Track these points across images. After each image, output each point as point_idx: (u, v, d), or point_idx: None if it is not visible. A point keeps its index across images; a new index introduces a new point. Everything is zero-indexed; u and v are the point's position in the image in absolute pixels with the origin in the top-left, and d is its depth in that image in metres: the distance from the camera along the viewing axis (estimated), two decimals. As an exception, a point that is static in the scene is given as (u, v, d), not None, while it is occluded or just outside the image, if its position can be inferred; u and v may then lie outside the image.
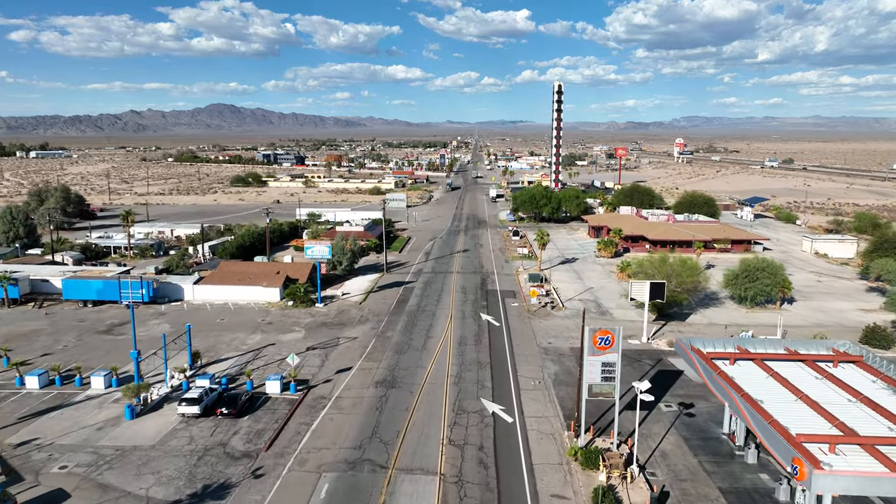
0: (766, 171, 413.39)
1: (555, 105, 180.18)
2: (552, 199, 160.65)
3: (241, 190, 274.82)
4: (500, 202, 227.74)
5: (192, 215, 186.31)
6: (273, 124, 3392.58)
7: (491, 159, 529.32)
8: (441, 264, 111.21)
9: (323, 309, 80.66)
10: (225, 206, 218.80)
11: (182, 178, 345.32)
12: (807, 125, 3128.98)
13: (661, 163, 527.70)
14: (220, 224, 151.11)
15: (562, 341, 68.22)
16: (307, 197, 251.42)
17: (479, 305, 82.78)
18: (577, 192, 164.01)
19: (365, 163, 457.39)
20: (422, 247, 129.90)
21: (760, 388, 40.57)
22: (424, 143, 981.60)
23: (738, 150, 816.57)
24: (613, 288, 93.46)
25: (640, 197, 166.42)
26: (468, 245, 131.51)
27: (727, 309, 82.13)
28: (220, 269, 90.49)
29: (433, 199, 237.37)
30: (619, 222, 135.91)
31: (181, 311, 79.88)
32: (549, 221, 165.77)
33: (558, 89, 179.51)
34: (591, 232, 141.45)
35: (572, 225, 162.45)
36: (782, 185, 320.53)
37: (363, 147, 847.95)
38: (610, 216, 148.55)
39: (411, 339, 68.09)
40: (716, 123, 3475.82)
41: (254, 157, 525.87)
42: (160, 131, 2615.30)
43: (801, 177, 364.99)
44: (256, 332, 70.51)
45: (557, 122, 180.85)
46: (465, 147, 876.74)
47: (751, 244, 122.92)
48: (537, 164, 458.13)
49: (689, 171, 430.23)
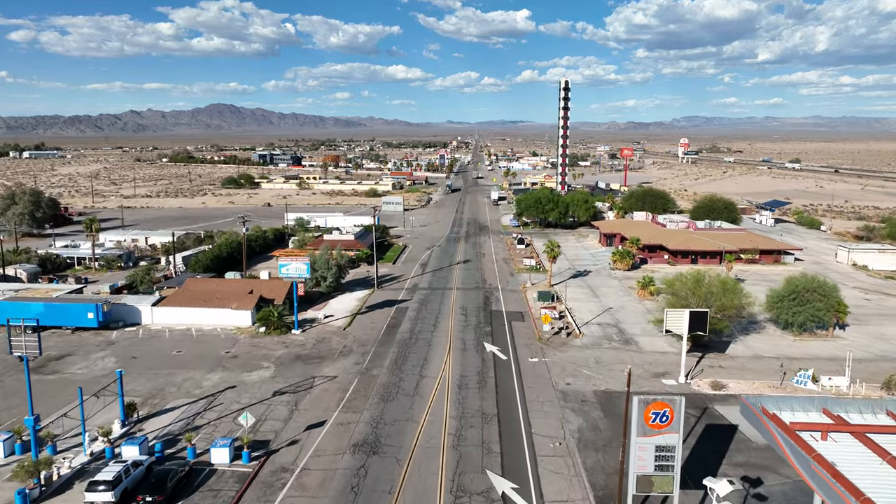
0: (775, 172, 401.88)
1: (561, 103, 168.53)
2: (559, 204, 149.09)
3: (233, 192, 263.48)
4: (502, 205, 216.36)
5: (176, 220, 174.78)
6: (273, 124, 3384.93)
7: (492, 160, 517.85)
8: (439, 278, 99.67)
9: (300, 337, 69.10)
10: (213, 209, 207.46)
11: (173, 180, 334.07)
12: (807, 125, 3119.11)
13: (666, 163, 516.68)
14: (201, 231, 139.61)
15: (582, 382, 56.66)
16: (300, 199, 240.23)
17: (483, 332, 71.27)
18: (586, 196, 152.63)
19: (363, 163, 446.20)
20: (418, 257, 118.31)
21: (880, 485, 29.08)
22: (424, 143, 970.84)
23: (742, 151, 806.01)
24: (635, 308, 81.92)
25: (653, 200, 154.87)
26: (469, 255, 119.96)
27: (770, 336, 70.60)
28: (185, 288, 78.99)
29: (432, 202, 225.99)
30: (634, 229, 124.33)
31: (134, 340, 68.33)
32: (556, 227, 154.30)
33: (565, 86, 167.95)
34: (602, 240, 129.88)
35: (581, 231, 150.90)
36: (792, 186, 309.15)
37: (362, 147, 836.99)
38: (623, 222, 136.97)
39: (401, 380, 56.52)
40: (716, 123, 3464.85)
41: (249, 158, 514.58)
42: (160, 131, 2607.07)
43: (812, 178, 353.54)
44: (216, 370, 58.89)
45: (564, 122, 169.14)
46: (465, 147, 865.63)
47: (781, 255, 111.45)
48: (539, 165, 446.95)
49: (695, 171, 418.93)
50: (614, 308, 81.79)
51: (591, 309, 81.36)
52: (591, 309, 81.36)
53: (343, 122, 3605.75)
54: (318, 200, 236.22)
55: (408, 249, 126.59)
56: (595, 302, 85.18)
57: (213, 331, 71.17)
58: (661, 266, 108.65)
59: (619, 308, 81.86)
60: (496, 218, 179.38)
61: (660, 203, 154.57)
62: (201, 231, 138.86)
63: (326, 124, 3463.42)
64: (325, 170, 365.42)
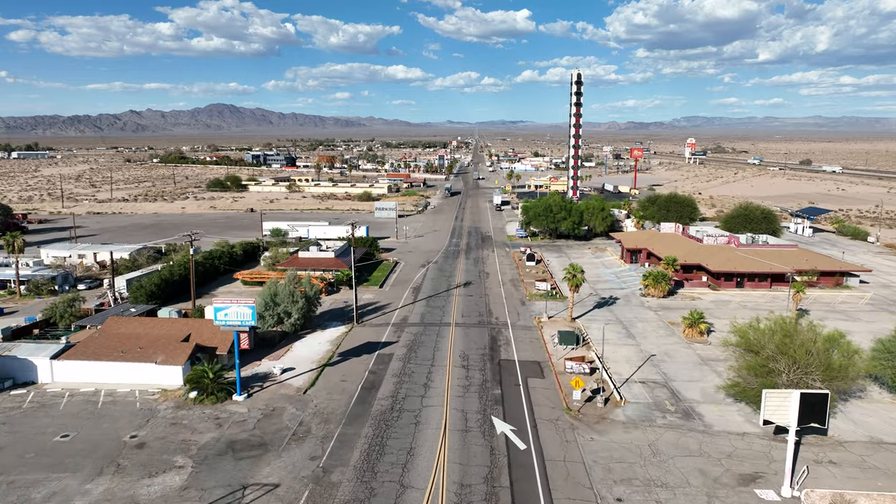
0: (790, 174, 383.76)
1: (572, 98, 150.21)
2: (572, 212, 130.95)
3: (217, 195, 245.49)
4: (505, 210, 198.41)
5: (143, 230, 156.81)
6: (273, 124, 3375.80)
7: (493, 160, 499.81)
8: (434, 309, 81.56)
9: (241, 407, 50.92)
10: (190, 215, 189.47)
11: (158, 182, 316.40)
12: (808, 125, 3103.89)
13: (672, 164, 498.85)
14: (163, 244, 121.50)
15: (640, 491, 38.58)
16: (288, 204, 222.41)
17: (490, 397, 53.09)
18: (603, 203, 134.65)
19: (359, 164, 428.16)
20: (410, 278, 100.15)
21: None
22: (424, 143, 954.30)
23: (747, 151, 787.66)
24: (685, 356, 63.73)
25: (678, 209, 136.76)
26: (471, 275, 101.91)
27: (877, 402, 52.46)
28: (103, 332, 60.86)
29: (430, 207, 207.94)
30: (663, 244, 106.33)
31: (12, 414, 50.14)
32: (568, 238, 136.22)
33: (577, 79, 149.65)
34: (625, 256, 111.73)
35: (597, 244, 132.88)
36: (812, 189, 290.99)
37: (361, 147, 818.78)
38: (647, 235, 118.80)
39: (373, 494, 38.39)
40: (716, 123, 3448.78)
41: (242, 159, 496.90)
42: (159, 131, 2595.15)
43: (829, 180, 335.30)
44: (105, 474, 40.64)
45: (576, 119, 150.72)
46: (465, 147, 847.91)
47: (843, 277, 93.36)
48: (542, 166, 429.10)
49: (704, 172, 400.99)
50: (658, 355, 63.60)
51: (629, 357, 63.22)
52: (629, 357, 63.22)
53: (343, 122, 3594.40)
54: (308, 204, 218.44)
55: (399, 267, 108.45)
56: (632, 345, 67.04)
57: (128, 395, 53.05)
58: (700, 291, 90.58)
59: (663, 355, 63.67)
60: (500, 226, 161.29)
61: (686, 211, 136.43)
62: (163, 244, 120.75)
63: (326, 124, 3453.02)
64: (318, 171, 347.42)
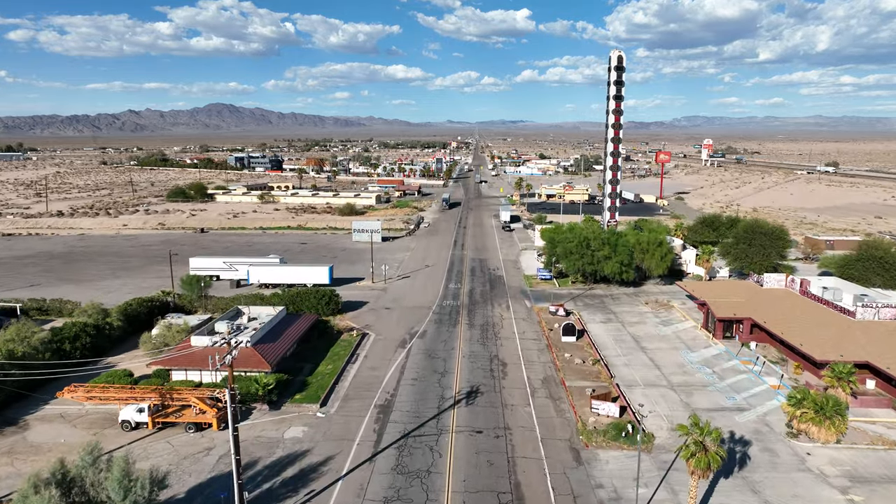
0: (829, 179, 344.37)
1: (612, 89, 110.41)
2: (619, 249, 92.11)
3: (174, 208, 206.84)
4: (516, 229, 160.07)
5: (47, 261, 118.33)
6: (272, 124, 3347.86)
7: (495, 163, 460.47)
8: (412, 479, 42.88)
9: None
10: (124, 237, 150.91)
11: (118, 188, 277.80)
12: (808, 125, 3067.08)
13: (689, 167, 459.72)
14: (20, 302, 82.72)
15: None
16: (254, 219, 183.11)
17: None
18: (661, 238, 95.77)
19: (349, 168, 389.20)
20: (379, 378, 60.76)
21: None
22: (423, 143, 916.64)
23: (759, 152, 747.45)
24: None
25: (762, 241, 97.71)
26: (477, 367, 63.03)
27: None
28: None
29: (423, 225, 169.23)
30: (777, 312, 67.78)
31: None
32: (609, 283, 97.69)
33: (618, 63, 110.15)
34: (716, 328, 72.66)
35: (651, 292, 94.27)
36: (862, 197, 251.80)
37: (358, 148, 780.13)
38: (742, 289, 78.94)
39: None
40: (717, 123, 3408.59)
41: (225, 161, 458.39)
42: (158, 131, 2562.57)
43: (875, 186, 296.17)
44: None
45: (616, 117, 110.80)
46: (465, 147, 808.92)
47: None
48: (550, 170, 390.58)
49: (728, 177, 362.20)
50: None
51: None
52: None
53: (342, 122, 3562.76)
54: (278, 219, 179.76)
55: (366, 348, 69.44)
56: None
57: None
58: (887, 419, 51.73)
59: None
60: (512, 257, 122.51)
61: (777, 245, 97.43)
62: (20, 303, 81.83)
63: (326, 124, 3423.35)
64: (300, 177, 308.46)
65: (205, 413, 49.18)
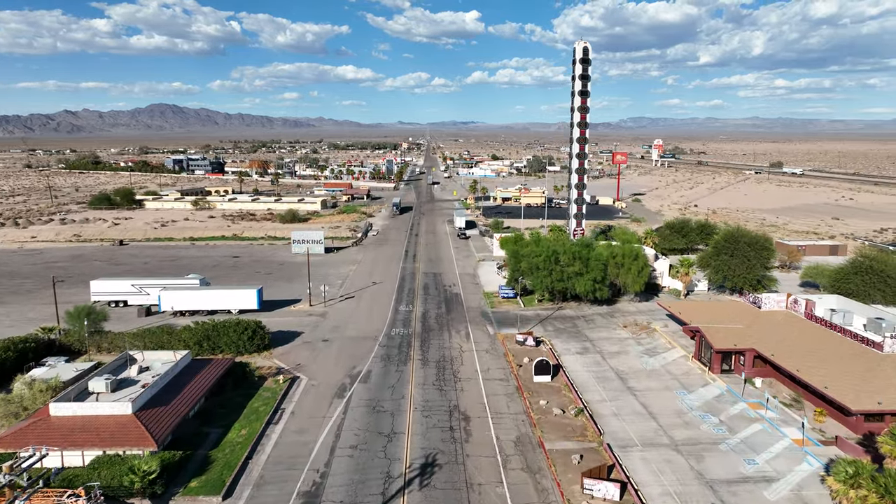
0: (778, 179, 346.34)
1: (576, 83, 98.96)
2: (591, 264, 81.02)
3: (95, 216, 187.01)
4: (472, 236, 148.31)
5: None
6: (218, 125, 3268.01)
7: (448, 164, 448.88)
8: None
9: None
10: (27, 252, 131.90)
11: (36, 194, 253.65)
12: (747, 126, 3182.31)
13: (641, 167, 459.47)
14: None
15: None
16: (185, 228, 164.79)
17: None
18: (636, 250, 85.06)
19: (295, 170, 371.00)
20: (306, 445, 46.69)
21: None
22: (374, 144, 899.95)
23: (705, 152, 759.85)
24: None
25: (745, 251, 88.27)
26: (434, 424, 49.95)
27: None
28: None
29: (371, 232, 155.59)
30: (784, 340, 57.68)
31: None
32: (581, 301, 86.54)
33: (583, 55, 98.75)
34: (712, 361, 62.00)
35: (628, 311, 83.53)
36: (814, 197, 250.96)
37: (307, 149, 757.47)
38: (740, 313, 68.62)
39: None
40: (661, 124, 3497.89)
41: (163, 164, 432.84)
42: (96, 132, 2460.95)
43: (826, 186, 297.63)
44: None
45: (582, 115, 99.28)
46: (416, 149, 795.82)
47: None
48: (503, 171, 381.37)
49: (681, 177, 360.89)
50: None
51: None
52: None
53: (292, 123, 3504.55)
54: (211, 228, 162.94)
55: (293, 400, 55.67)
56: None
57: None
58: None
59: None
60: (470, 271, 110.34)
61: (762, 256, 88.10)
62: None
63: (274, 125, 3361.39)
64: (240, 181, 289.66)
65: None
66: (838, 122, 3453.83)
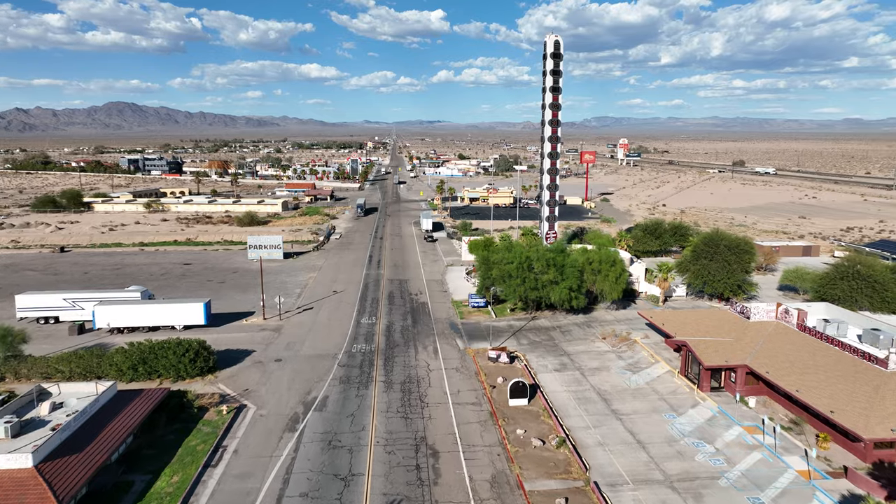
0: (743, 178, 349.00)
1: (548, 79, 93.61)
2: (566, 271, 75.91)
3: (38, 220, 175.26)
4: (440, 239, 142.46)
5: None
6: (179, 124, 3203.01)
7: (414, 164, 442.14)
8: None
9: None
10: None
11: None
12: (707, 125, 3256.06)
13: (607, 166, 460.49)
14: None
15: None
16: (135, 232, 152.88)
17: None
18: (613, 255, 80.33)
19: (257, 170, 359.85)
20: (249, 494, 41.30)
21: None
22: (339, 143, 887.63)
23: (669, 150, 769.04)
24: None
25: (726, 255, 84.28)
26: (397, 459, 43.61)
27: None
28: None
29: (334, 237, 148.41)
30: (780, 355, 53.26)
31: None
32: (555, 310, 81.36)
33: (554, 49, 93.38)
34: (702, 379, 57.26)
35: (605, 320, 78.63)
36: (779, 196, 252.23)
37: (270, 149, 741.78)
38: (729, 326, 63.89)
39: None
40: (624, 123, 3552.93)
41: (118, 164, 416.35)
42: (49, 131, 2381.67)
43: (788, 185, 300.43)
44: None
45: (554, 112, 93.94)
46: (382, 148, 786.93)
47: None
48: (471, 170, 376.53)
49: (647, 176, 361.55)
50: None
51: None
52: None
53: (255, 122, 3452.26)
54: (164, 232, 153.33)
55: (230, 448, 48.48)
56: None
57: None
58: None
59: None
60: (438, 277, 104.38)
61: (743, 259, 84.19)
62: None
63: (238, 124, 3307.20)
64: (198, 182, 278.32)
65: None
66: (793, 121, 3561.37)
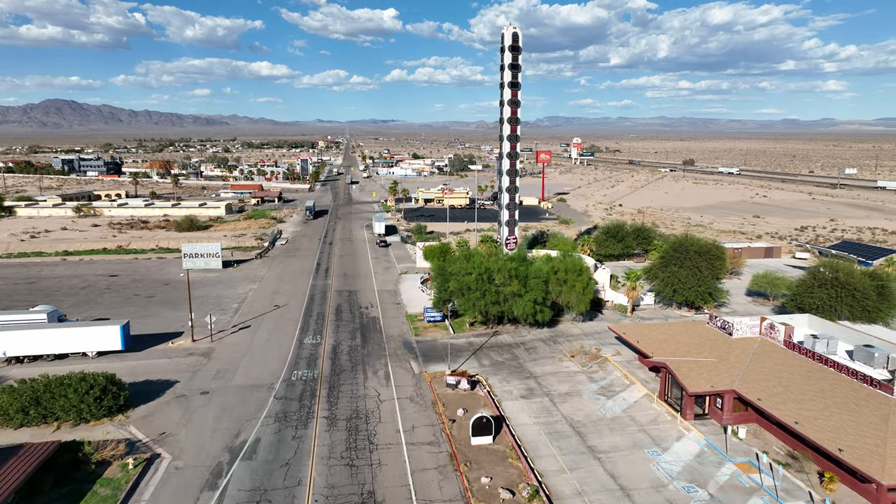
0: (695, 178, 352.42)
1: (506, 74, 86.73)
2: (530, 282, 69.39)
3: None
4: (393, 243, 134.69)
5: None
6: (123, 122, 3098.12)
7: (367, 163, 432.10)
8: None
9: None
10: None
11: None
12: (655, 125, 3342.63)
13: (561, 165, 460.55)
14: None
15: None
16: (60, 239, 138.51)
17: None
18: (580, 263, 74.17)
19: (202, 171, 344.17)
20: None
21: None
22: (291, 142, 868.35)
23: (620, 150, 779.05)
24: None
25: (695, 261, 79.37)
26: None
27: None
28: None
29: (279, 242, 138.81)
30: (773, 378, 47.86)
31: None
32: (518, 324, 74.83)
33: (512, 42, 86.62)
34: (685, 405, 51.41)
35: (573, 335, 72.45)
36: (731, 195, 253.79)
37: (218, 148, 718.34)
38: (708, 339, 58.35)
39: None
40: (576, 123, 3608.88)
41: (50, 164, 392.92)
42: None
43: (739, 183, 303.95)
44: None
45: (513, 110, 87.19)
46: (335, 147, 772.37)
47: None
48: (425, 170, 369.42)
49: (601, 175, 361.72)
50: None
51: None
52: None
53: (204, 121, 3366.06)
54: (93, 239, 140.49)
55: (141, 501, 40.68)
56: None
57: None
58: None
59: None
60: (390, 287, 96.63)
61: (714, 266, 79.34)
62: None
63: (185, 123, 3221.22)
64: (135, 183, 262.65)
65: None
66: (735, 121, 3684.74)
